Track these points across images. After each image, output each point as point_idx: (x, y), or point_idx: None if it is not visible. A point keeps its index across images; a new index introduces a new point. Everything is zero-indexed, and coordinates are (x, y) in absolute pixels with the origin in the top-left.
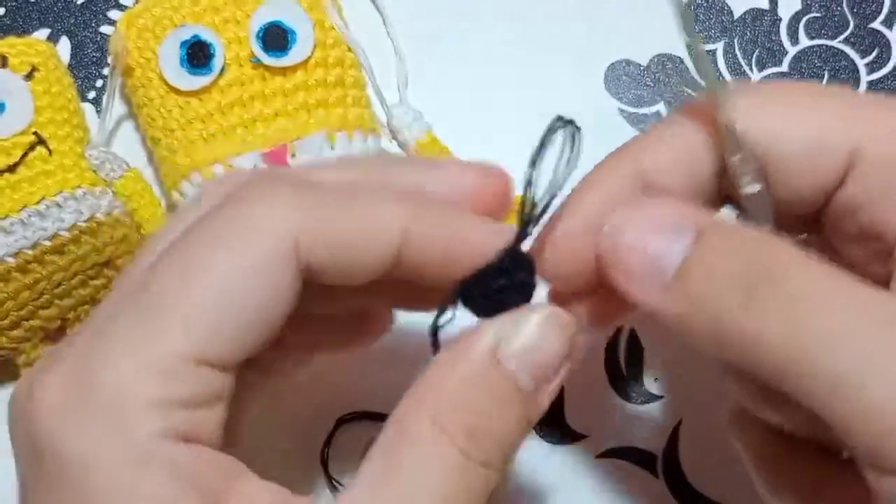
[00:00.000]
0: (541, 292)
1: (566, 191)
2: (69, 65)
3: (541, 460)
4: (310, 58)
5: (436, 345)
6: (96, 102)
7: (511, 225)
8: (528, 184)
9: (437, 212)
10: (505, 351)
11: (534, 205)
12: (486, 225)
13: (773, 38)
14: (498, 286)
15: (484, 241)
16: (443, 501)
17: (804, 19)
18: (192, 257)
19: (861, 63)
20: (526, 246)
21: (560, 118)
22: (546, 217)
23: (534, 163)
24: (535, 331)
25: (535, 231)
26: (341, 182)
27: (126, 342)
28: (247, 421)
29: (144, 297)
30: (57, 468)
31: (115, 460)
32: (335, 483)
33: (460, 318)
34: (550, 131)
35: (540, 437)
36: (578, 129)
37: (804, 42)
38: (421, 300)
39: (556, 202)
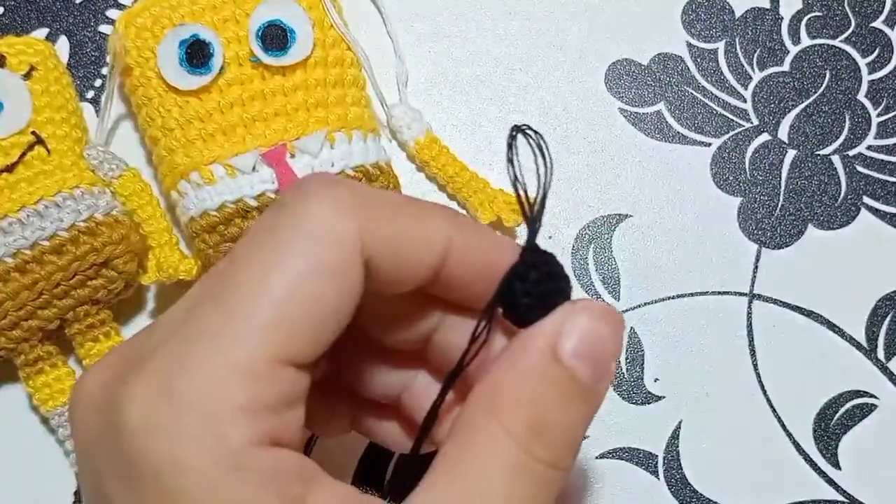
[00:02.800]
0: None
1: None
2: (68, 64)
3: None
4: (309, 57)
5: (462, 360)
6: (95, 102)
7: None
8: (519, 181)
9: (473, 226)
10: (563, 345)
11: (534, 203)
12: (508, 239)
13: (775, 37)
14: (536, 278)
15: (513, 251)
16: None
17: (805, 18)
18: (263, 257)
19: (862, 62)
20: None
21: (515, 127)
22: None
23: (511, 162)
24: (591, 324)
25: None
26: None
27: (211, 346)
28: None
29: (222, 301)
30: (150, 476)
31: (208, 467)
32: None
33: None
34: (512, 140)
35: None
36: (538, 133)
37: (805, 41)
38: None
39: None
